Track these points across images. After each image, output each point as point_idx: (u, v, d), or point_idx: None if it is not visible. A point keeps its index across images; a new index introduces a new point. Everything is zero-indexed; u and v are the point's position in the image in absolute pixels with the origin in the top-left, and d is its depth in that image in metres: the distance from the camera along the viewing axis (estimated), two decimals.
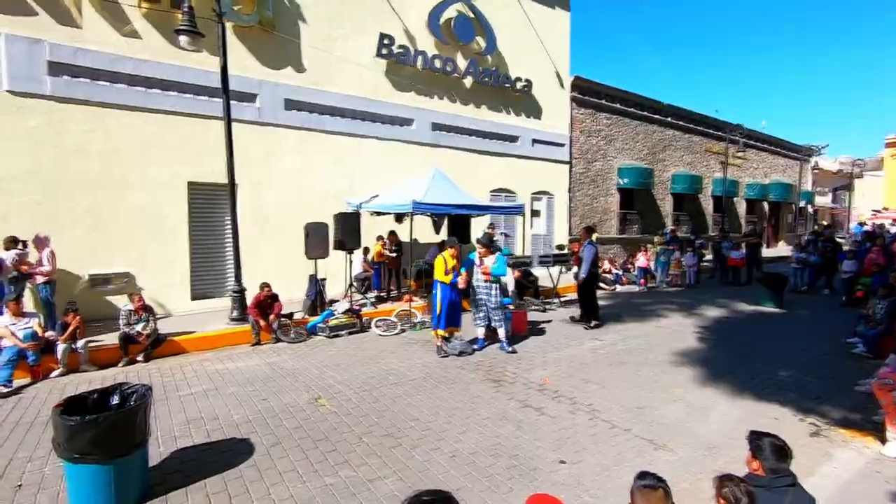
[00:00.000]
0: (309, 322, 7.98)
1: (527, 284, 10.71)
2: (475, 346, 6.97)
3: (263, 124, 9.79)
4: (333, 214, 8.96)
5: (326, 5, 10.47)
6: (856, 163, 38.01)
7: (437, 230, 11.42)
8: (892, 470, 3.73)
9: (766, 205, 26.65)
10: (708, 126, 21.67)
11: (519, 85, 13.97)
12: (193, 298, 9.03)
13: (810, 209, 31.64)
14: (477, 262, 6.95)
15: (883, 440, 4.01)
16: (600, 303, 9.42)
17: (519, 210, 11.21)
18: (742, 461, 3.33)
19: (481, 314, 7.01)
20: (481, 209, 10.48)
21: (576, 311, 9.03)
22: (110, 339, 6.66)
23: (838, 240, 13.99)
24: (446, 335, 6.80)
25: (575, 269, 8.98)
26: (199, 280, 9.19)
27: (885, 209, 36.65)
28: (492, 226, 13.06)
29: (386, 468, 3.69)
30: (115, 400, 3.44)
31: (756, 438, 2.40)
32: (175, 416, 4.68)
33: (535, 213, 15.14)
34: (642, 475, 2.05)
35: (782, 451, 2.29)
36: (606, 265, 13.92)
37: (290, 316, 7.83)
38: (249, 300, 7.60)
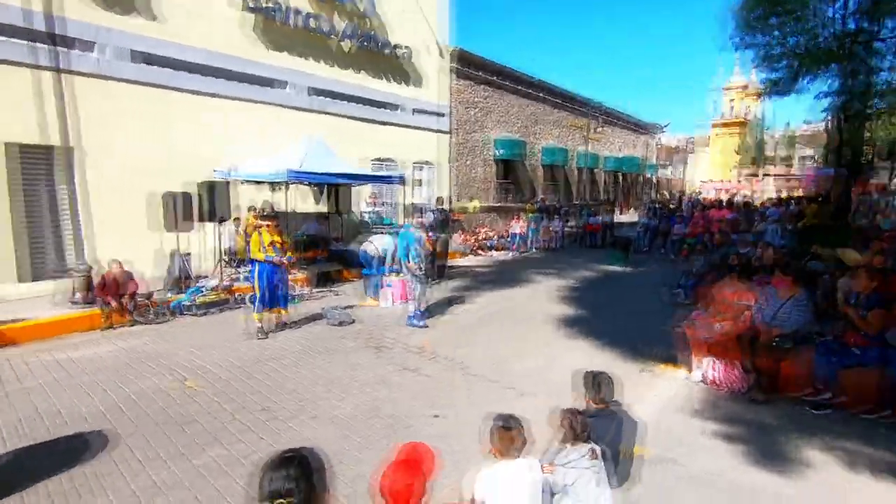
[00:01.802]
0: (173, 301, 7.34)
1: None
2: (421, 324, 6.72)
3: (106, 78, 8.49)
4: (198, 183, 8.19)
5: None
6: (689, 140, 44.12)
7: (318, 201, 11.08)
8: (695, 390, 4.64)
9: (620, 176, 29.99)
10: (573, 103, 23.53)
11: (399, 52, 13.77)
12: (23, 281, 7.73)
13: (654, 179, 36.29)
14: (418, 234, 6.91)
15: (688, 369, 4.94)
16: (479, 268, 10.00)
17: (399, 179, 11.26)
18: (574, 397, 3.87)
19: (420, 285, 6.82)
20: (362, 178, 10.34)
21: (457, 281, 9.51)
22: None
23: (671, 206, 16.36)
24: (260, 320, 6.26)
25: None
26: (30, 260, 7.85)
27: (711, 180, 43.41)
28: (374, 195, 13.01)
29: (261, 442, 3.65)
30: None
31: (588, 376, 2.83)
32: (4, 416, 4.08)
33: (416, 183, 15.33)
34: (498, 417, 2.32)
35: (606, 385, 2.74)
36: (483, 233, 14.72)
37: (149, 295, 7.12)
38: (98, 279, 6.74)
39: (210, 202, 7.94)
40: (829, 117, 16.12)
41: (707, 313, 5.19)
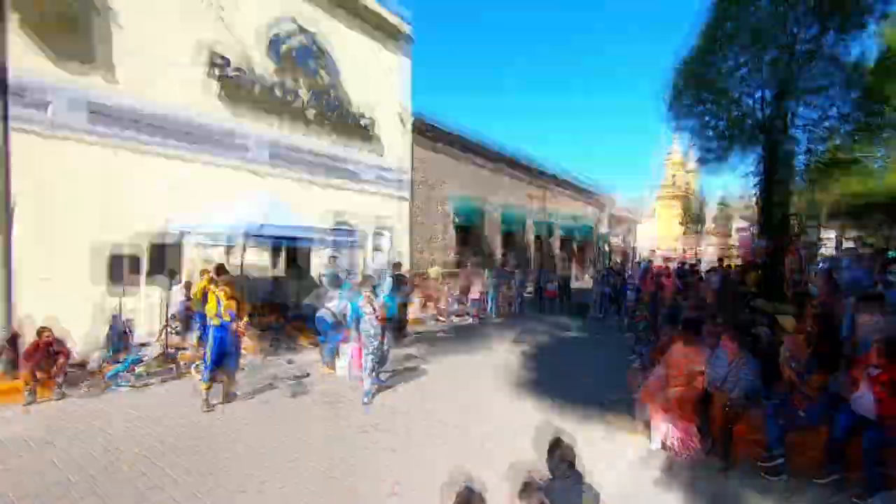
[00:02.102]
0: (109, 371, 6.79)
1: None
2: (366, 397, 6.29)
3: (62, 139, 8.30)
4: (148, 243, 7.90)
5: (148, 15, 9.48)
6: (632, 210, 47.04)
7: (274, 264, 10.85)
8: (656, 459, 4.62)
9: (574, 243, 31.22)
10: (530, 172, 24.80)
11: (363, 121, 14.30)
12: None
13: (606, 247, 37.96)
14: (368, 309, 6.46)
15: (649, 435, 4.95)
16: (439, 333, 9.89)
17: (358, 242, 11.28)
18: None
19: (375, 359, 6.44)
20: (320, 241, 10.27)
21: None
22: None
23: (623, 273, 17.04)
24: (207, 389, 5.87)
25: None
26: None
27: (659, 248, 45.85)
28: (333, 258, 12.90)
29: None
30: None
31: (551, 448, 2.79)
32: None
33: (376, 248, 15.38)
34: (459, 494, 2.23)
35: (569, 453, 2.71)
36: (443, 300, 14.74)
37: (82, 365, 6.58)
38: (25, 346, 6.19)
39: (160, 262, 7.63)
40: (756, 194, 17.79)
41: (661, 378, 5.29)
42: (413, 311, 12.57)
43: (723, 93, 16.20)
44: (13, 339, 6.52)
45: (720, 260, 18.61)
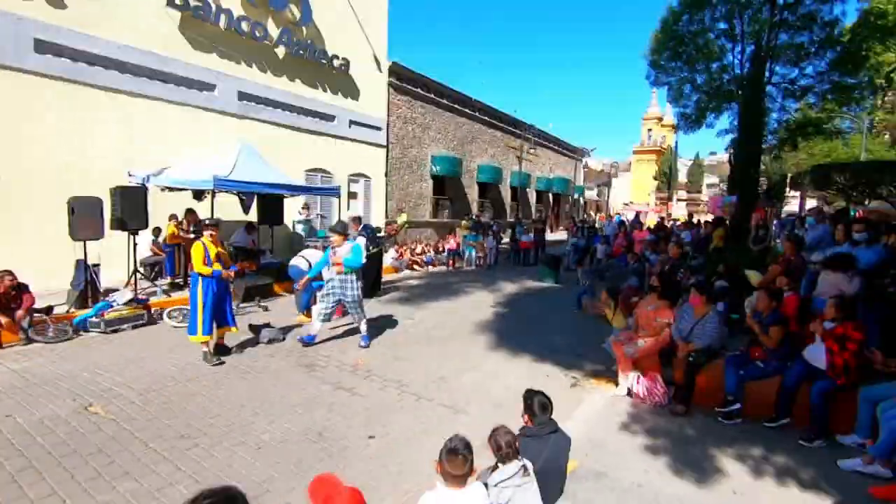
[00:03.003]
0: (77, 316, 6.62)
1: None
2: (305, 340, 6.31)
3: (3, 67, 7.64)
4: (111, 188, 7.53)
5: None
6: (612, 164, 47.18)
7: (246, 210, 10.55)
8: (622, 404, 4.86)
9: (550, 196, 31.34)
10: (508, 123, 24.39)
11: (336, 63, 13.60)
12: None
13: (581, 200, 38.31)
14: (331, 253, 6.33)
15: (616, 384, 5.19)
16: (415, 283, 9.95)
17: (335, 192, 11.03)
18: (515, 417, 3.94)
19: (329, 310, 6.32)
20: (295, 189, 9.99)
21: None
22: None
23: (597, 226, 17.31)
24: (208, 340, 5.62)
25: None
26: None
27: (631, 202, 46.58)
28: (306, 206, 12.65)
29: (178, 473, 3.35)
30: None
31: (527, 397, 2.88)
32: None
33: (351, 196, 15.10)
34: (451, 440, 2.30)
35: (545, 406, 2.81)
36: (419, 248, 14.74)
37: (48, 310, 6.38)
38: None
39: (121, 208, 7.29)
40: (729, 150, 18.06)
41: (631, 330, 5.50)
42: (387, 261, 12.56)
43: (702, 48, 16.12)
44: None
45: (690, 216, 19.10)
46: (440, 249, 15.48)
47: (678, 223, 17.81)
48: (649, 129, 54.80)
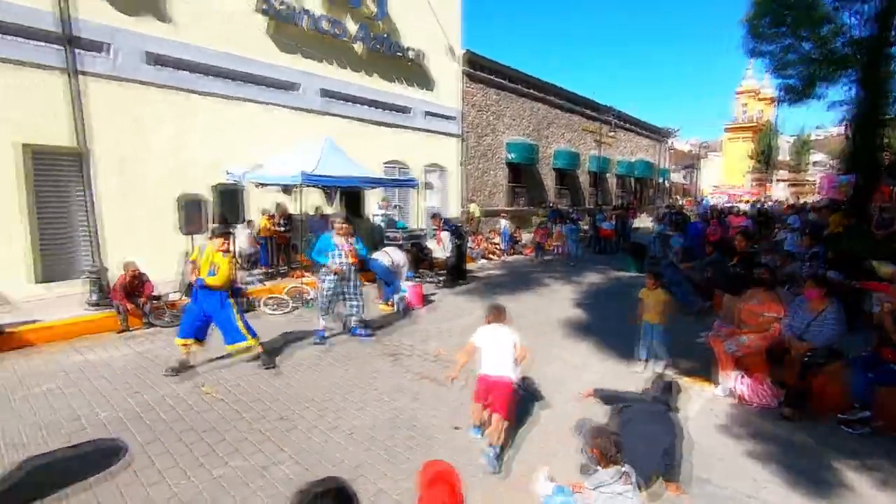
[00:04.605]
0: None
1: (421, 257, 10.85)
2: (315, 340, 6.17)
3: (121, 80, 8.53)
4: (212, 186, 8.17)
5: None
6: (701, 145, 43.80)
7: (330, 203, 11.02)
8: (721, 406, 4.51)
9: (632, 180, 29.76)
10: (585, 106, 23.38)
11: (411, 55, 13.74)
12: (40, 281, 7.75)
13: (667, 184, 36.02)
14: (342, 245, 6.20)
15: (715, 383, 4.81)
16: (494, 274, 9.89)
17: (413, 184, 11.21)
18: (603, 413, 3.78)
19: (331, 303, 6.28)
20: (375, 182, 10.28)
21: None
22: None
23: (686, 213, 16.15)
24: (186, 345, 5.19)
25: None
26: (46, 260, 7.87)
27: (718, 186, 43.02)
28: (386, 200, 12.96)
29: (281, 453, 3.58)
30: None
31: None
32: (23, 420, 4.04)
33: (428, 186, 15.28)
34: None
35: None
36: (496, 238, 14.63)
37: (160, 298, 7.10)
38: (114, 281, 6.73)
39: (221, 204, 7.90)
40: (846, 123, 15.96)
41: (732, 325, 5.06)
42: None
43: (810, 8, 14.20)
44: (103, 276, 7.07)
45: (795, 201, 17.24)
46: (518, 239, 15.24)
47: (777, 205, 16.07)
48: (744, 104, 50.06)
